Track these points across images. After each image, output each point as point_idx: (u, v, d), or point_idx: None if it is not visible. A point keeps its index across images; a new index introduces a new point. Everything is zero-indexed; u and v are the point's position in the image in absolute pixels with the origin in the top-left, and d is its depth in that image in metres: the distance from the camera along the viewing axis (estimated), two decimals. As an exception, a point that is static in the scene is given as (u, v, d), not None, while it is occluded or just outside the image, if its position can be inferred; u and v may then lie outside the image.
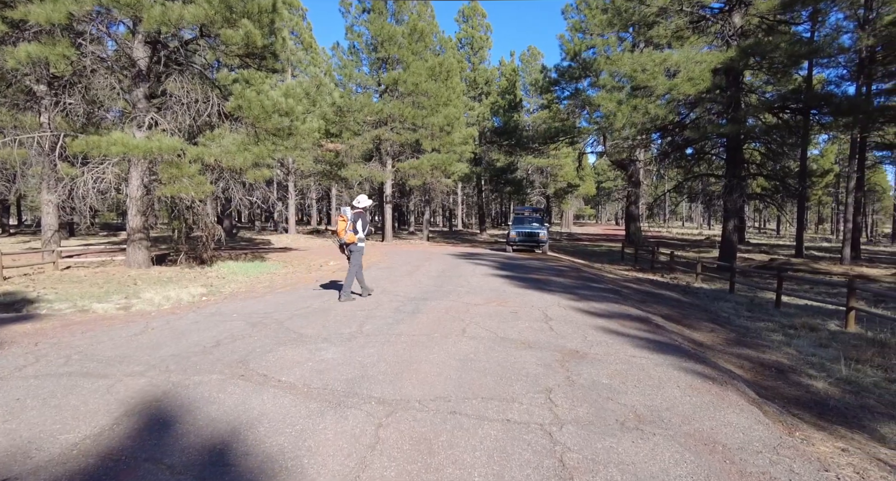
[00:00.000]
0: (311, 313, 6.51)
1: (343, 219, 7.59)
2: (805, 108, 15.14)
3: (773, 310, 9.79)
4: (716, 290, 12.67)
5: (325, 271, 13.19)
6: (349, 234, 7.52)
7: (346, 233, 7.55)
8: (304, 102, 14.38)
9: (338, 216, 7.71)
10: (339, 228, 7.65)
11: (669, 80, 14.15)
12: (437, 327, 5.74)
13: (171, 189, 12.56)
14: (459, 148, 30.54)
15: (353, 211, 7.60)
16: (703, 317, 8.31)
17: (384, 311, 6.64)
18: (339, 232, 7.66)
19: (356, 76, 29.70)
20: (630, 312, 7.19)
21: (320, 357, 4.47)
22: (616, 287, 10.72)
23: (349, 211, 7.60)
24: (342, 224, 7.59)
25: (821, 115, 14.88)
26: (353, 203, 7.75)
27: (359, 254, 7.73)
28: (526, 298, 7.98)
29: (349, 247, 7.64)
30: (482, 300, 7.72)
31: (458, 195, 58.96)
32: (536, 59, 46.07)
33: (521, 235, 18.93)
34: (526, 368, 4.25)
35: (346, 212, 7.61)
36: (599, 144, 31.27)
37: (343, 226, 7.57)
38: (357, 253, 7.69)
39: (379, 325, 5.77)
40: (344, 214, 7.61)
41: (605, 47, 22.63)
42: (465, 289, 8.89)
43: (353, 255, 7.68)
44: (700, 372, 4.35)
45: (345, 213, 7.61)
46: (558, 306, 7.34)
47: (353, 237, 7.53)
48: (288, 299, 7.87)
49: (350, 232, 7.52)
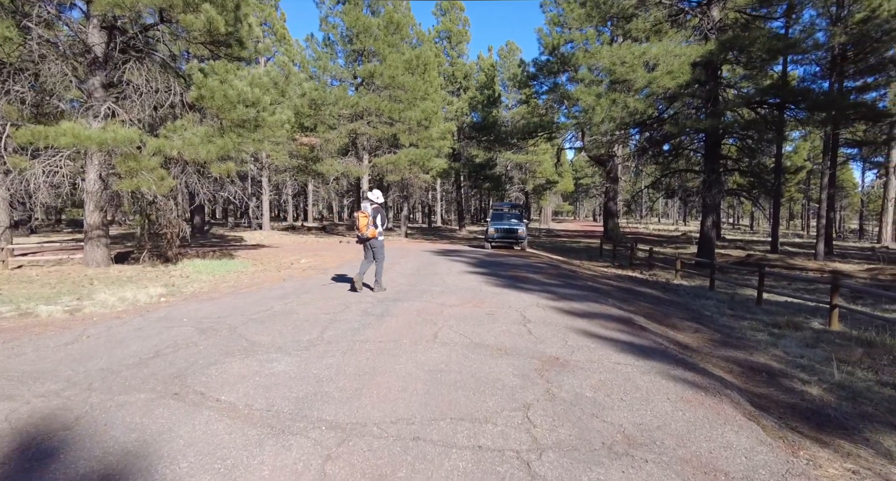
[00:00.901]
0: (270, 317, 5.97)
1: (364, 215, 7.78)
2: (782, 103, 15.08)
3: (755, 308, 9.60)
4: (696, 287, 12.49)
5: (294, 270, 12.60)
6: (371, 229, 7.75)
7: (367, 228, 7.75)
8: (271, 92, 13.70)
9: (357, 212, 7.93)
10: (360, 224, 7.80)
11: (649, 74, 13.91)
12: (407, 332, 5.27)
13: (129, 183, 11.80)
14: (438, 143, 30.06)
15: (371, 206, 7.81)
16: (685, 316, 8.03)
17: (351, 314, 6.15)
18: (360, 227, 7.81)
19: (331, 68, 28.94)
20: (611, 312, 6.84)
21: (271, 369, 3.96)
22: (595, 285, 10.41)
23: (369, 207, 7.81)
24: (363, 220, 7.77)
25: (797, 111, 14.83)
26: (371, 197, 7.98)
27: (381, 247, 8.04)
28: (503, 298, 7.58)
29: (371, 241, 7.87)
30: (457, 300, 7.28)
31: (437, 191, 58.50)
32: (514, 54, 45.76)
33: (500, 232, 18.56)
34: (502, 379, 3.83)
35: (366, 209, 7.82)
36: (578, 140, 31.12)
37: (365, 222, 7.76)
38: (380, 247, 8.00)
39: (343, 331, 5.28)
40: (365, 210, 7.82)
41: (583, 41, 22.35)
42: (439, 289, 8.44)
43: (378, 250, 7.99)
44: (690, 381, 3.99)
45: (365, 209, 7.82)
46: (537, 306, 6.94)
47: (374, 232, 7.78)
48: (249, 301, 7.31)
49: (371, 227, 7.75)
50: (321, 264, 13.39)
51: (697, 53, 14.03)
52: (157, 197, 13.18)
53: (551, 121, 28.46)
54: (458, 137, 39.78)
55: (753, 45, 14.11)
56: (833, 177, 22.72)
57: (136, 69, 12.66)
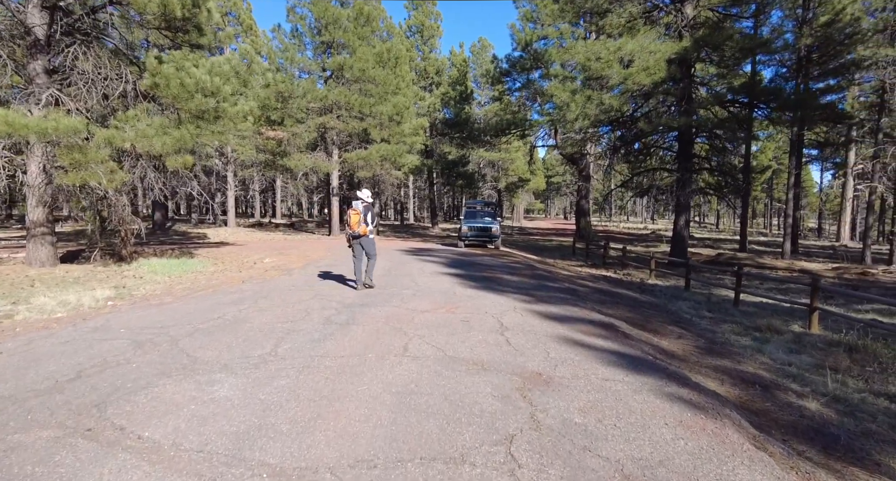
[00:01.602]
0: (220, 327, 5.36)
1: (356, 213, 7.92)
2: (753, 102, 15.12)
3: (733, 310, 9.44)
4: (671, 288, 12.34)
5: (256, 270, 11.88)
6: (362, 227, 7.91)
7: (359, 225, 7.90)
8: (232, 82, 12.89)
9: (350, 210, 8.03)
10: (352, 222, 7.93)
11: (625, 70, 13.68)
12: (374, 344, 4.76)
13: (74, 177, 10.86)
14: (410, 139, 29.48)
15: (363, 204, 7.99)
16: (665, 319, 7.75)
17: (312, 323, 5.58)
18: (352, 225, 7.94)
19: (298, 60, 27.96)
20: (592, 317, 6.47)
21: (211, 394, 3.39)
22: (572, 286, 10.08)
23: (360, 205, 7.97)
24: (355, 217, 7.91)
25: (768, 110, 14.89)
26: (361, 196, 8.20)
27: (373, 244, 8.21)
28: (478, 302, 7.13)
29: (362, 239, 8.02)
30: (430, 305, 6.79)
31: (410, 188, 57.83)
32: (487, 51, 45.41)
33: (474, 230, 18.14)
34: (480, 403, 3.36)
35: (357, 206, 7.97)
36: (551, 138, 31.00)
37: (356, 220, 7.90)
38: (371, 243, 8.16)
39: (300, 343, 4.72)
40: (356, 208, 7.96)
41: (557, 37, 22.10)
42: (411, 292, 7.93)
43: (368, 247, 8.13)
44: (687, 400, 3.61)
45: (357, 207, 7.97)
46: (514, 311, 6.52)
47: (365, 229, 7.95)
48: (201, 306, 6.64)
49: (363, 224, 7.91)
50: (285, 264, 12.70)
51: (672, 50, 13.87)
52: (107, 192, 12.26)
53: (524, 119, 28.22)
54: (430, 134, 39.24)
55: (727, 42, 14.05)
56: (798, 177, 23.17)
57: (84, 54, 11.70)
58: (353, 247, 8.14)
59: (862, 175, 37.71)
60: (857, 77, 22.28)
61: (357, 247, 8.10)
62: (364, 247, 8.10)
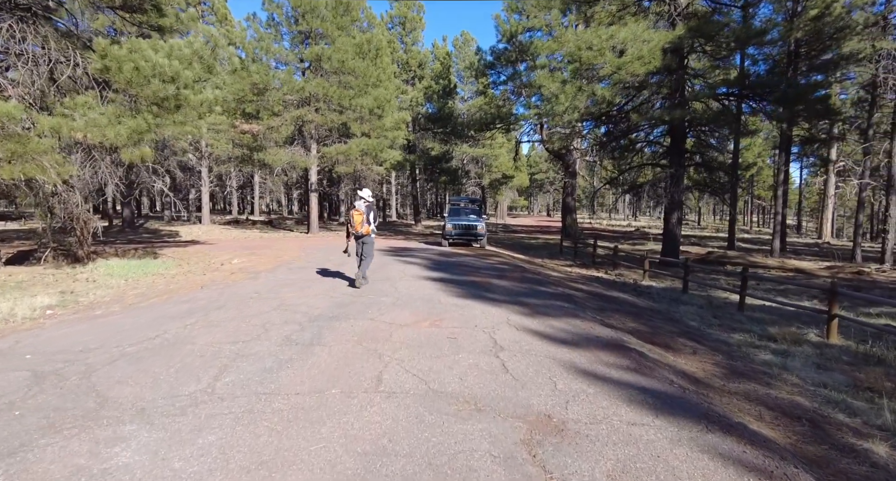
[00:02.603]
0: (154, 349, 4.40)
1: (359, 213, 7.94)
2: (749, 95, 14.50)
3: (739, 315, 8.74)
4: (668, 290, 11.64)
5: (222, 272, 10.86)
6: (365, 227, 7.94)
7: (362, 225, 7.92)
8: (195, 67, 11.78)
9: (352, 210, 8.05)
10: (355, 221, 7.95)
11: (618, 59, 12.92)
12: (340, 373, 3.85)
13: (10, 170, 9.71)
14: (391, 133, 28.47)
15: (365, 204, 7.99)
16: (673, 329, 6.98)
17: (268, 344, 4.64)
18: (355, 225, 7.96)
19: (275, 50, 26.68)
20: (597, 332, 5.65)
21: (106, 462, 2.46)
22: (566, 290, 9.28)
23: (363, 205, 7.98)
24: (358, 217, 7.94)
25: (765, 104, 14.28)
26: (362, 195, 8.16)
27: (372, 244, 8.23)
28: (467, 312, 6.26)
29: (364, 238, 8.05)
30: (411, 317, 5.90)
31: (392, 184, 56.73)
32: (470, 45, 44.46)
33: (458, 228, 17.23)
34: (476, 469, 2.49)
35: (360, 206, 7.97)
36: (536, 133, 30.29)
37: (359, 220, 7.93)
38: (370, 243, 8.18)
39: (248, 374, 3.78)
40: (359, 208, 7.96)
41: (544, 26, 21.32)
42: (390, 300, 7.02)
43: (367, 247, 8.15)
44: (739, 456, 2.79)
45: (359, 207, 7.96)
46: (508, 325, 5.67)
47: (368, 229, 7.97)
48: (141, 320, 5.65)
49: (365, 224, 7.93)
50: (254, 266, 11.68)
51: (667, 39, 13.16)
52: (56, 187, 11.11)
53: (509, 113, 27.41)
54: (413, 128, 38.24)
55: (723, 30, 13.41)
56: (787, 173, 22.81)
57: (22, 33, 10.51)
58: (357, 247, 8.22)
59: (843, 172, 37.92)
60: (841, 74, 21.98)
61: (359, 246, 8.18)
62: (364, 246, 8.15)
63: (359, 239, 8.07)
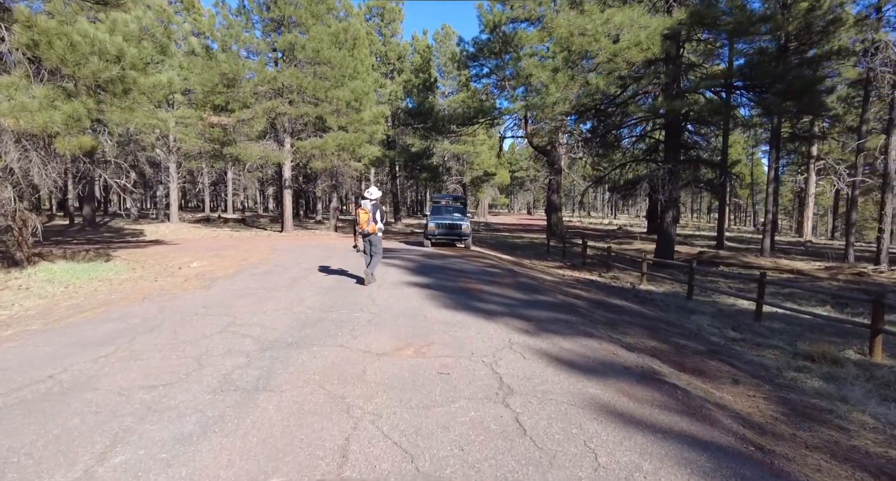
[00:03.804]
0: (32, 401, 3.17)
1: (365, 212, 7.94)
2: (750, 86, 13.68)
3: (757, 326, 7.84)
4: (671, 295, 10.73)
5: (176, 278, 9.56)
6: (371, 225, 7.93)
7: (368, 224, 7.93)
8: (146, 47, 10.41)
9: (358, 209, 8.07)
10: (361, 220, 7.97)
11: (614, 45, 11.94)
12: (289, 444, 2.70)
13: (-83, 161, 8.31)
14: (370, 128, 27.17)
15: (371, 203, 7.96)
16: (697, 347, 5.99)
17: (196, 388, 3.45)
18: (361, 223, 7.98)
19: (245, 39, 25.12)
20: (621, 358, 4.61)
21: None
22: (566, 299, 8.25)
23: (369, 203, 7.97)
24: (364, 216, 7.95)
25: (769, 96, 13.48)
26: (366, 195, 8.14)
27: (379, 242, 8.21)
28: (460, 333, 5.15)
29: (371, 237, 8.04)
30: (391, 342, 4.76)
31: (372, 182, 55.25)
32: (451, 39, 43.28)
33: (442, 227, 16.08)
34: None
35: (366, 205, 7.97)
36: (520, 128, 29.33)
37: (366, 218, 7.94)
38: (378, 242, 8.17)
39: (150, 449, 2.59)
40: (365, 207, 7.96)
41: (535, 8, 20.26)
42: (365, 316, 5.86)
43: (375, 245, 8.14)
44: None
45: (365, 206, 7.97)
46: (511, 349, 4.58)
47: (374, 227, 7.97)
48: (47, 349, 4.40)
49: (372, 222, 7.93)
50: (213, 270, 10.39)
51: (665, 25, 12.25)
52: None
53: (493, 107, 26.37)
54: (392, 123, 36.96)
55: (722, 18, 12.57)
56: (777, 171, 22.29)
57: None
58: (364, 245, 8.23)
59: (822, 170, 37.94)
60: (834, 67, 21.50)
61: (367, 244, 8.18)
62: (372, 245, 8.14)
63: (366, 237, 8.10)
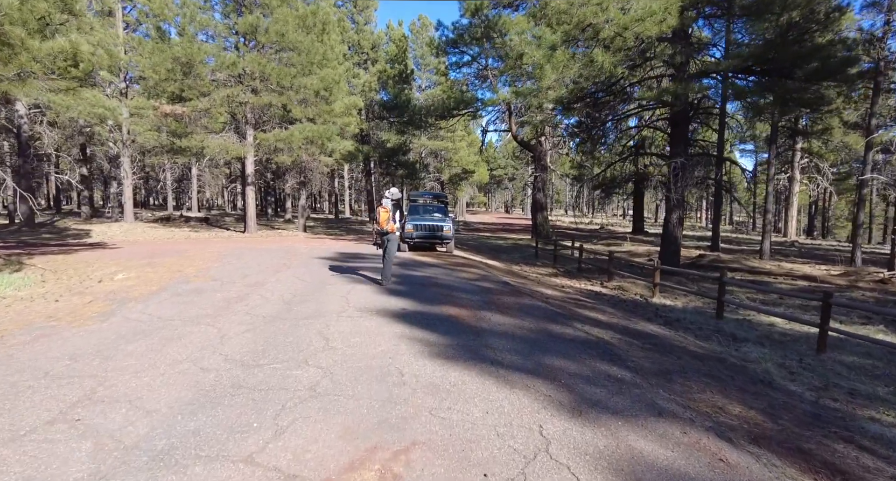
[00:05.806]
0: None
1: (385, 211, 7.98)
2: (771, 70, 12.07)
3: (831, 362, 6.08)
4: (695, 313, 8.98)
5: (87, 296, 7.38)
6: (390, 224, 7.97)
7: (387, 223, 7.95)
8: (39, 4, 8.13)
9: (379, 207, 8.11)
10: (381, 219, 7.99)
11: (624, 16, 10.14)
12: None
13: None
14: (341, 120, 24.96)
15: (392, 202, 8.09)
16: (795, 415, 4.17)
17: None
18: (381, 222, 7.99)
19: (202, 20, 22.62)
20: (732, 467, 2.75)
21: None
22: (590, 330, 6.35)
23: (389, 203, 8.08)
24: (385, 215, 7.98)
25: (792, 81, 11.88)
26: (388, 194, 8.23)
27: (395, 241, 8.25)
28: (456, 415, 3.19)
29: (389, 235, 8.05)
30: (338, 449, 2.76)
31: (345, 179, 52.84)
32: (427, 29, 41.24)
33: (421, 230, 14.02)
34: None
35: (387, 204, 8.06)
36: (503, 122, 27.53)
37: (386, 217, 7.97)
38: (393, 241, 8.18)
39: None
40: (386, 206, 8.02)
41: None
42: (307, 379, 3.84)
43: (391, 244, 8.12)
44: None
45: (386, 205, 8.03)
46: (552, 459, 2.66)
47: (393, 226, 8.02)
48: None
49: (391, 222, 7.98)
50: (136, 285, 8.20)
51: (681, -4, 10.50)
52: None
53: (474, 98, 24.48)
54: (366, 117, 34.73)
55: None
56: (774, 169, 20.98)
57: None
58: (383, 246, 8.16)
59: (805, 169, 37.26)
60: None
61: (385, 241, 8.11)
62: (388, 244, 8.11)
63: (384, 235, 8.08)
